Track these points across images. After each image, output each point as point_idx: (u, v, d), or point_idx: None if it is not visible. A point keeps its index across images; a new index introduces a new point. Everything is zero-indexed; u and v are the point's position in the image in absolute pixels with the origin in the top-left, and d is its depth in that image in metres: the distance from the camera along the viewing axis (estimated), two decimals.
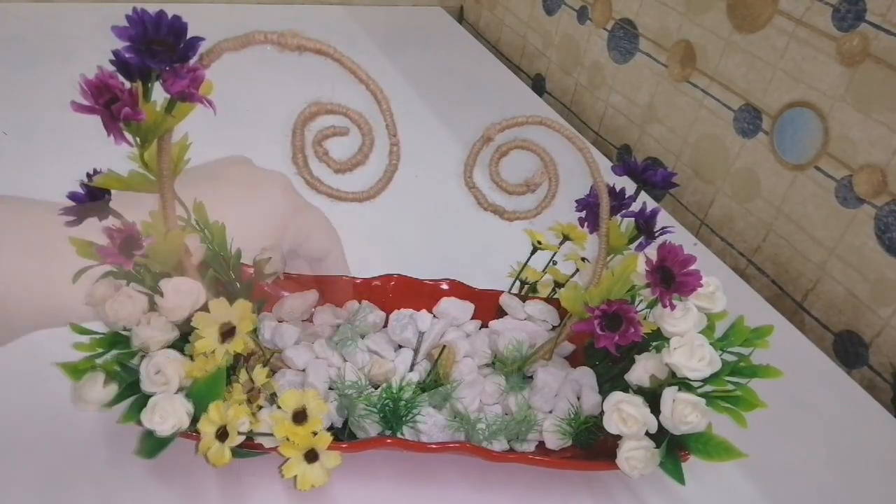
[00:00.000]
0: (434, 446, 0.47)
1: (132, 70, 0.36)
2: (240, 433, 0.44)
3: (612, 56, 1.04)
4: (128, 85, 0.36)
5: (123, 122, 0.36)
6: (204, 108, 0.39)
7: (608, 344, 0.44)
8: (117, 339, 0.45)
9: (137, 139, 0.39)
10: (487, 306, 0.59)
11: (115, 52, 0.36)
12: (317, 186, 0.42)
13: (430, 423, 0.49)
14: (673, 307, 0.45)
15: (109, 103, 0.35)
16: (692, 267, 0.44)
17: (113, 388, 0.44)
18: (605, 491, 0.52)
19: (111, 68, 0.36)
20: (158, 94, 0.38)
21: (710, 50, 0.86)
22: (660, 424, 0.46)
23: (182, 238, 0.45)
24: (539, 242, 0.60)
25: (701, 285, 0.45)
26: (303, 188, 0.44)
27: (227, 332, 0.44)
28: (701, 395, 0.45)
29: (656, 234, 0.50)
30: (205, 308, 0.44)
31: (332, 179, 0.43)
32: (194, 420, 0.43)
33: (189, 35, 0.36)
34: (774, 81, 0.78)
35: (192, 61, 0.37)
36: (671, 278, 0.44)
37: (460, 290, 0.59)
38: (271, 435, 0.44)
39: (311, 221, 0.52)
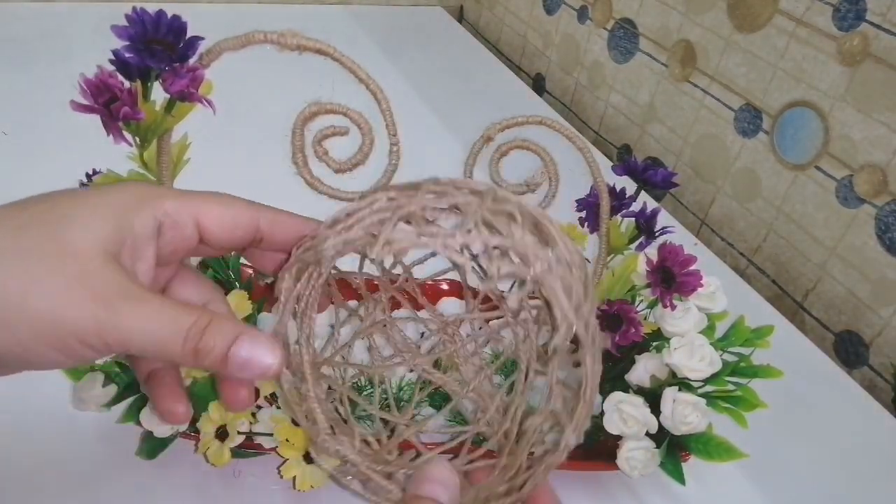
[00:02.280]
0: (434, 446, 0.47)
1: (132, 69, 0.36)
2: (239, 433, 0.44)
3: (613, 56, 1.04)
4: (127, 84, 0.36)
5: (123, 121, 0.36)
6: (203, 108, 0.39)
7: (608, 344, 0.44)
8: None
9: (137, 139, 0.39)
10: None
11: (115, 52, 0.36)
12: (317, 186, 0.42)
13: (430, 423, 0.49)
14: (673, 307, 0.45)
15: (109, 103, 0.35)
16: (692, 267, 0.44)
17: (112, 389, 0.44)
18: (605, 491, 0.52)
19: (111, 68, 0.36)
20: (158, 94, 0.38)
21: (711, 50, 0.86)
22: (660, 424, 0.46)
23: None
24: None
25: (701, 285, 0.45)
26: (303, 188, 0.44)
27: None
28: (701, 396, 0.45)
29: (656, 234, 0.50)
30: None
31: (332, 179, 0.43)
32: (193, 420, 0.43)
33: (188, 35, 0.37)
34: (775, 81, 0.78)
35: (191, 61, 0.37)
36: (672, 278, 0.44)
37: (460, 290, 0.59)
38: (271, 435, 0.44)
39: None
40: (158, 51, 0.36)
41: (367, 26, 1.25)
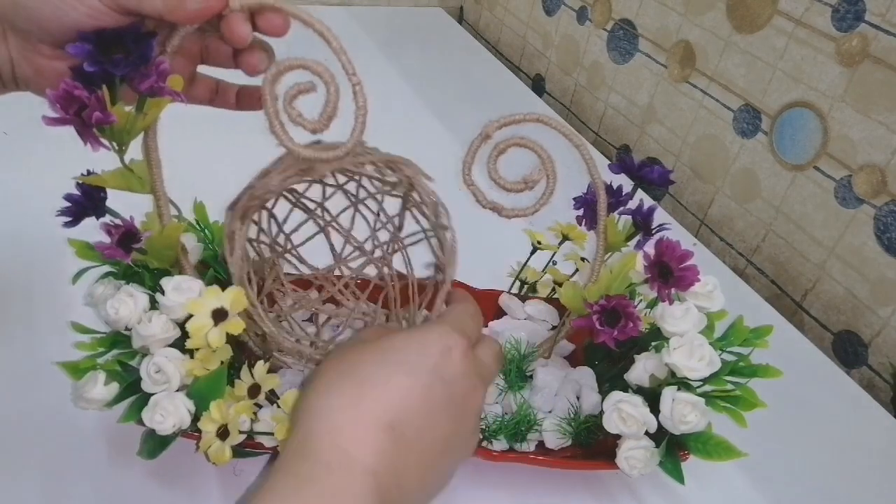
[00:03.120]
0: None
1: (95, 78, 0.37)
2: (241, 432, 0.44)
3: (612, 56, 1.04)
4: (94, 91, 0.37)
5: (96, 126, 0.36)
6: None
7: (607, 339, 0.44)
8: (118, 339, 0.45)
9: (114, 143, 0.39)
10: (487, 306, 0.59)
11: (73, 69, 0.37)
12: (300, 152, 0.41)
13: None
14: (671, 301, 0.45)
15: (79, 111, 0.36)
16: (689, 262, 0.44)
17: (114, 387, 0.44)
18: (605, 490, 0.52)
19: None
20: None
21: (710, 50, 0.86)
22: (659, 424, 0.46)
23: (179, 230, 0.45)
24: (539, 242, 0.60)
25: (699, 279, 0.45)
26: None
27: (220, 316, 0.43)
28: (700, 395, 0.45)
29: (653, 231, 0.50)
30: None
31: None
32: (195, 419, 0.43)
33: (142, 33, 0.37)
34: (774, 82, 0.78)
35: (153, 56, 0.38)
36: (669, 273, 0.44)
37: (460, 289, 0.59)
38: (272, 434, 0.44)
39: None
40: (119, 59, 0.36)
41: (367, 26, 1.25)
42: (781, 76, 0.77)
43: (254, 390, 0.45)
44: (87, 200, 0.44)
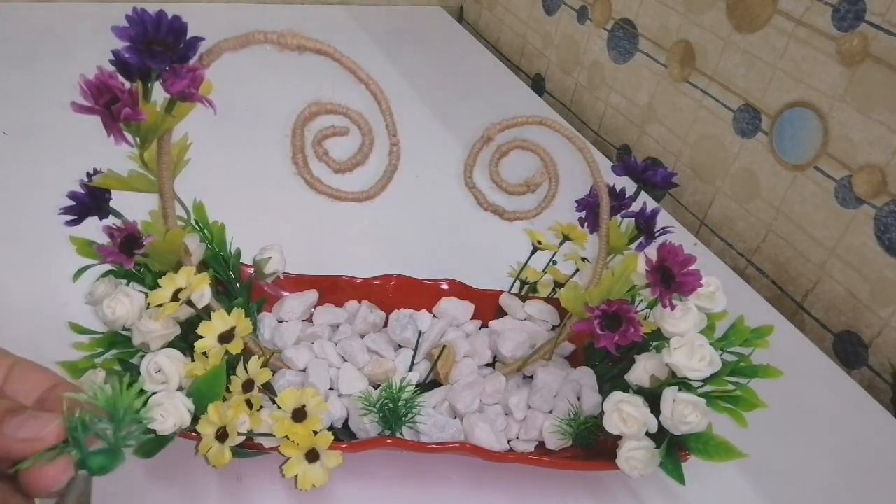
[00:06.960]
0: (434, 446, 0.47)
1: (132, 70, 0.36)
2: (239, 433, 0.43)
3: (612, 56, 1.04)
4: (128, 85, 0.36)
5: (124, 122, 0.36)
6: (204, 108, 0.39)
7: (608, 344, 0.44)
8: (116, 340, 0.45)
9: (137, 139, 0.39)
10: (487, 306, 0.59)
11: (115, 53, 0.36)
12: (317, 186, 0.42)
13: (430, 423, 0.49)
14: (673, 307, 0.45)
15: (109, 104, 0.35)
16: (692, 267, 0.44)
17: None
18: (605, 491, 0.52)
19: (111, 68, 0.36)
20: (158, 94, 0.38)
21: (710, 50, 0.86)
22: (660, 424, 0.46)
23: (182, 237, 0.45)
24: (539, 242, 0.60)
25: (701, 285, 0.45)
26: (303, 188, 0.44)
27: (227, 338, 0.44)
28: (701, 395, 0.45)
29: (656, 234, 0.50)
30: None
31: (332, 179, 0.43)
32: (195, 419, 0.43)
33: (189, 35, 0.37)
34: (774, 81, 0.78)
35: (191, 61, 0.37)
36: (671, 278, 0.44)
37: (460, 290, 0.59)
38: (271, 436, 0.44)
39: None
40: (159, 52, 0.35)
41: (367, 26, 1.25)
42: (781, 76, 0.77)
43: (248, 385, 0.45)
44: (90, 200, 0.43)
